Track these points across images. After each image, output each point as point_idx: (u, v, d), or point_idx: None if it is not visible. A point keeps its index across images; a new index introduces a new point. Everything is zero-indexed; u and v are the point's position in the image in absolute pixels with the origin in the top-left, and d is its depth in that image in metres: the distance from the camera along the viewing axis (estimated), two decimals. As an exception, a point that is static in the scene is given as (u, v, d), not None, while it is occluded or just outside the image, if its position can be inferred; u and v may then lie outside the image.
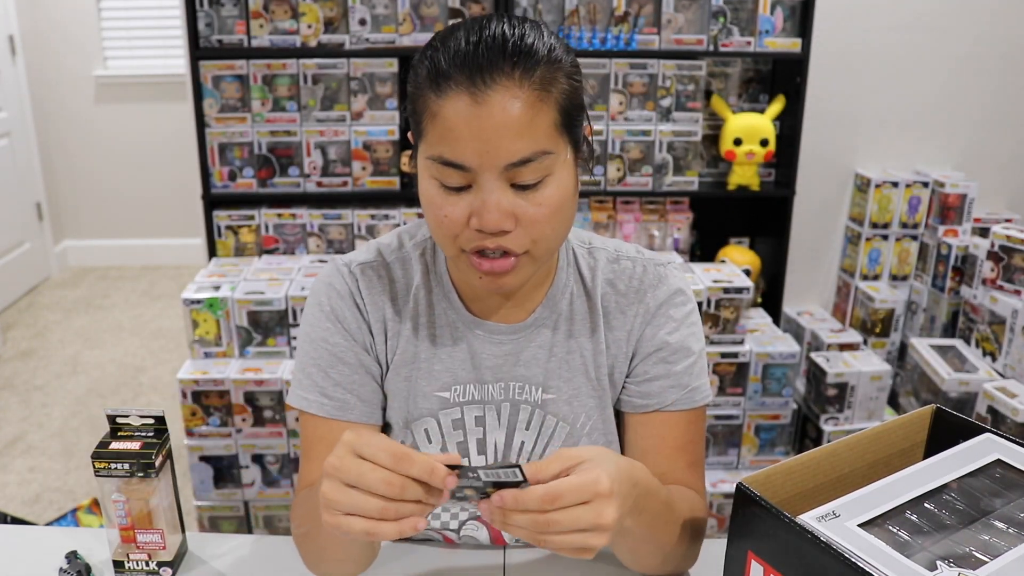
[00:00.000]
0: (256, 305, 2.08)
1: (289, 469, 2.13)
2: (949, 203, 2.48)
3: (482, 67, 0.78)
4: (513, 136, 0.78)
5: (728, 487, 2.18)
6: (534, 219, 0.82)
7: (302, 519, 0.92)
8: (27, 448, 2.82)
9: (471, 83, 0.78)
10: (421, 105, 0.82)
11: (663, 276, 0.99)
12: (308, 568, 0.95)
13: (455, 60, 0.79)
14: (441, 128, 0.80)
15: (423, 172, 0.85)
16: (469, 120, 0.78)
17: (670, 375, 0.97)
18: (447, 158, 0.80)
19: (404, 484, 0.67)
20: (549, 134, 0.81)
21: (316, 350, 0.96)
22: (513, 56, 0.78)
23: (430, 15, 2.24)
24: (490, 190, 0.80)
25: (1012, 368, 2.13)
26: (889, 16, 2.46)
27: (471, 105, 0.78)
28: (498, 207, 0.80)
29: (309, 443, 0.96)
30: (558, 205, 0.83)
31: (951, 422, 0.83)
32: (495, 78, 0.78)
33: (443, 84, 0.79)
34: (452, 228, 0.83)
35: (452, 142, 0.79)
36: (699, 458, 0.99)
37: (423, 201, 0.86)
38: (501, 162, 0.79)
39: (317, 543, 0.89)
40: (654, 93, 2.32)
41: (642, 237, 2.44)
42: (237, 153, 2.31)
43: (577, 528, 0.69)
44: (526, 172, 0.80)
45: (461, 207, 0.82)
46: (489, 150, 0.79)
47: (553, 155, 0.82)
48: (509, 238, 0.83)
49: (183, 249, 4.55)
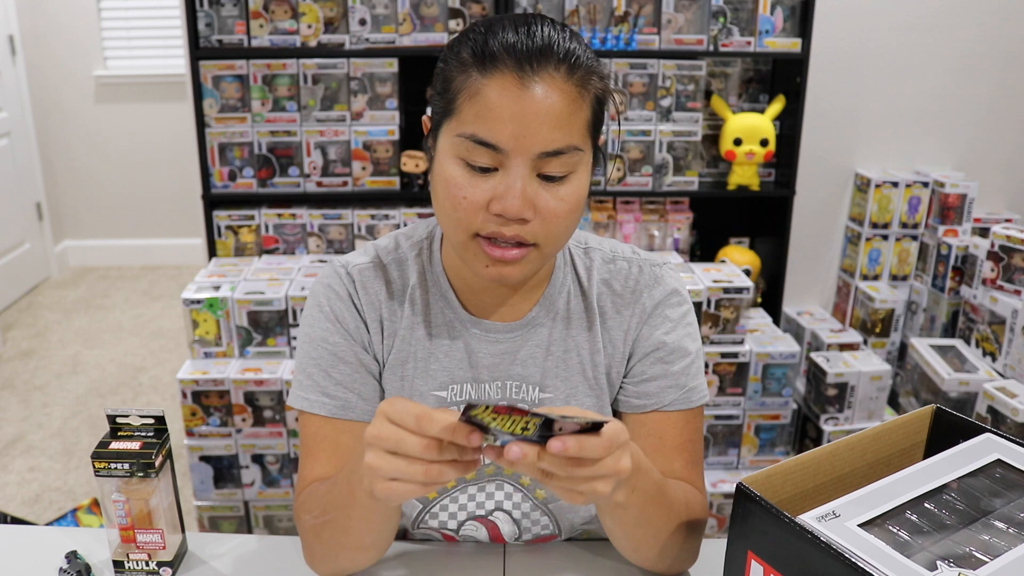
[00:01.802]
0: (256, 305, 2.08)
1: (289, 469, 2.13)
2: (949, 203, 2.48)
3: (531, 56, 0.80)
4: (552, 126, 0.80)
5: (728, 487, 2.18)
6: (554, 213, 0.83)
7: (321, 509, 0.90)
8: (27, 448, 2.82)
9: (519, 68, 0.80)
10: (459, 84, 0.82)
11: (659, 276, 1.00)
12: (315, 565, 0.94)
13: (504, 44, 0.81)
14: (481, 106, 0.80)
15: (446, 152, 0.84)
16: (512, 102, 0.79)
17: (667, 375, 0.97)
18: (481, 136, 0.81)
19: (439, 446, 0.69)
20: (582, 133, 0.83)
21: (316, 350, 0.96)
22: (559, 53, 0.81)
23: (430, 15, 2.24)
24: (518, 175, 0.81)
25: (1012, 368, 2.13)
26: (889, 16, 2.46)
27: (517, 88, 0.79)
28: (523, 194, 0.81)
29: (310, 442, 0.96)
30: (576, 203, 0.85)
31: (951, 422, 0.83)
32: (543, 67, 0.80)
33: (490, 64, 0.80)
34: (469, 211, 0.83)
35: (491, 121, 0.80)
36: (698, 457, 1.00)
37: (440, 182, 0.85)
38: (536, 149, 0.81)
39: (345, 531, 0.88)
40: (654, 93, 2.32)
41: (642, 237, 2.44)
42: (237, 153, 2.31)
43: (597, 475, 0.70)
44: (555, 164, 0.82)
45: (483, 189, 0.82)
46: (527, 134, 0.80)
47: (581, 153, 0.84)
48: (526, 228, 0.83)
49: (183, 249, 4.55)
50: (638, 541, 0.90)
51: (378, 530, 0.89)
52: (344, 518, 0.87)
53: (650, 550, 0.91)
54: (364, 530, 0.88)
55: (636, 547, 0.92)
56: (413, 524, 1.03)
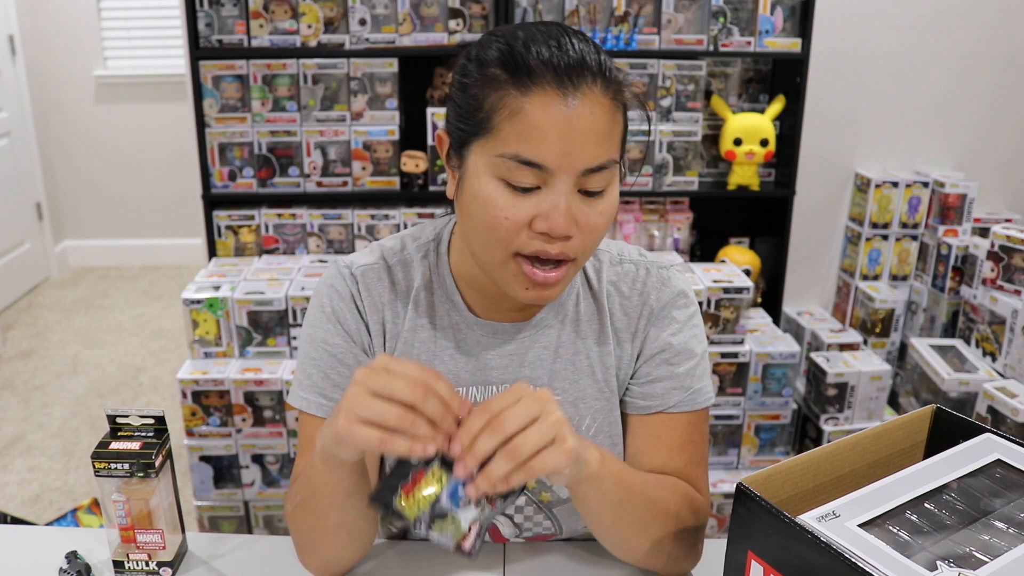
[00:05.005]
0: (256, 305, 2.08)
1: (289, 469, 2.13)
2: (949, 203, 2.48)
3: (571, 72, 0.79)
4: (596, 142, 0.80)
5: (728, 487, 2.18)
6: (594, 226, 0.83)
7: (298, 491, 0.91)
8: (27, 448, 2.82)
9: (561, 85, 0.78)
10: (495, 102, 0.80)
11: (666, 278, 0.99)
12: (301, 557, 0.95)
13: (541, 59, 0.79)
14: (523, 126, 0.79)
15: (482, 171, 0.82)
16: (558, 121, 0.78)
17: (673, 376, 0.97)
18: (526, 157, 0.79)
19: (427, 391, 0.71)
20: (617, 145, 0.84)
21: (316, 351, 0.96)
22: (593, 67, 0.80)
23: (430, 15, 2.24)
24: (562, 192, 0.80)
25: (1012, 368, 2.13)
26: (889, 16, 2.46)
27: (561, 107, 0.78)
28: (568, 211, 0.81)
29: (306, 440, 0.97)
30: (612, 215, 0.85)
31: (951, 422, 0.83)
32: (583, 82, 0.79)
33: (528, 81, 0.79)
34: (511, 231, 0.82)
35: (535, 141, 0.79)
36: (701, 458, 0.99)
37: (475, 203, 0.83)
38: (581, 166, 0.80)
39: (313, 511, 0.88)
40: (654, 93, 2.32)
41: (642, 237, 2.44)
42: (237, 153, 2.31)
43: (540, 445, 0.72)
44: (596, 179, 0.82)
45: (524, 209, 0.81)
46: (573, 152, 0.79)
47: (617, 165, 0.84)
48: (569, 245, 0.83)
49: (183, 249, 4.55)
50: (622, 532, 0.89)
51: (342, 506, 0.87)
52: (311, 496, 0.87)
53: (637, 543, 0.90)
54: (328, 505, 0.86)
55: (622, 538, 0.90)
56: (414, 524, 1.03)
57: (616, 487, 0.84)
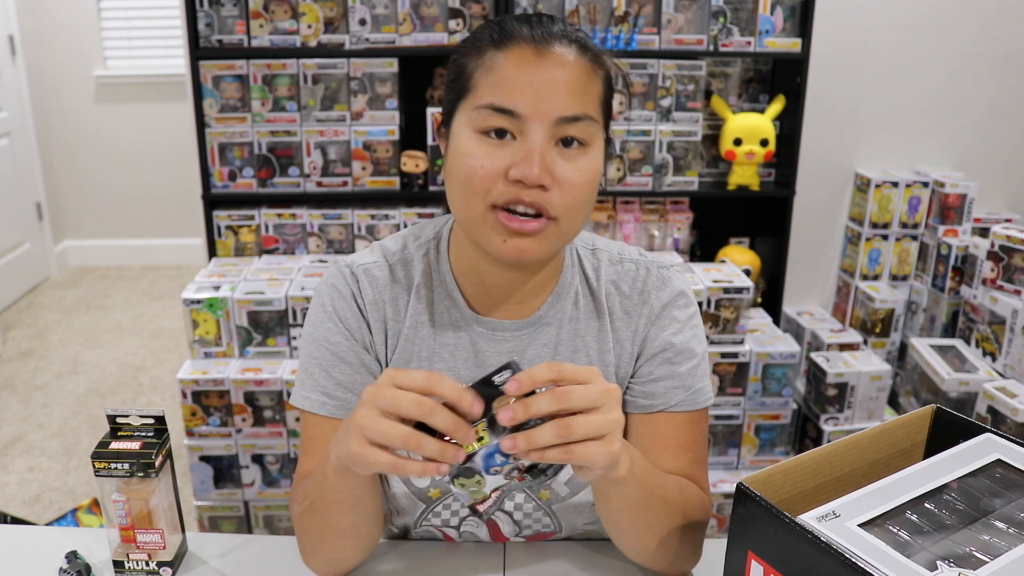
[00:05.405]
0: (256, 305, 2.08)
1: (289, 469, 2.13)
2: (949, 203, 2.48)
3: (546, 34, 0.84)
4: (569, 92, 0.83)
5: (728, 487, 2.18)
6: (573, 183, 0.84)
7: (305, 494, 0.91)
8: (27, 448, 2.82)
9: (534, 40, 0.84)
10: (474, 64, 0.85)
11: (666, 278, 1.00)
12: (307, 559, 0.95)
13: (520, 24, 0.85)
14: (497, 77, 0.83)
15: (462, 128, 0.86)
16: (530, 70, 0.82)
17: (674, 376, 0.97)
18: (499, 104, 0.82)
19: (434, 407, 0.70)
20: (596, 106, 0.86)
21: (318, 350, 0.96)
22: (570, 35, 0.86)
23: (430, 15, 2.24)
24: (536, 141, 0.82)
25: (1012, 368, 2.13)
26: (889, 16, 2.46)
27: (533, 56, 0.83)
28: (542, 158, 0.82)
29: (309, 440, 0.97)
30: (593, 177, 0.86)
31: (951, 422, 0.83)
32: (558, 41, 0.84)
33: (506, 41, 0.84)
34: (487, 180, 0.83)
35: (508, 89, 0.82)
36: (702, 458, 1.00)
37: (455, 160, 0.86)
38: (554, 114, 0.82)
39: (323, 516, 0.89)
40: (654, 93, 2.32)
41: (642, 237, 2.44)
42: (237, 153, 2.31)
43: (591, 435, 0.71)
44: (574, 129, 0.84)
45: (500, 158, 0.83)
46: (545, 99, 0.82)
47: (596, 125, 0.86)
48: (545, 196, 0.83)
49: (183, 249, 4.55)
50: (638, 534, 0.90)
51: (352, 512, 0.88)
52: (320, 500, 0.87)
53: (649, 544, 0.91)
54: (338, 511, 0.87)
55: (637, 539, 0.91)
56: (415, 523, 1.03)
57: (640, 492, 0.84)
